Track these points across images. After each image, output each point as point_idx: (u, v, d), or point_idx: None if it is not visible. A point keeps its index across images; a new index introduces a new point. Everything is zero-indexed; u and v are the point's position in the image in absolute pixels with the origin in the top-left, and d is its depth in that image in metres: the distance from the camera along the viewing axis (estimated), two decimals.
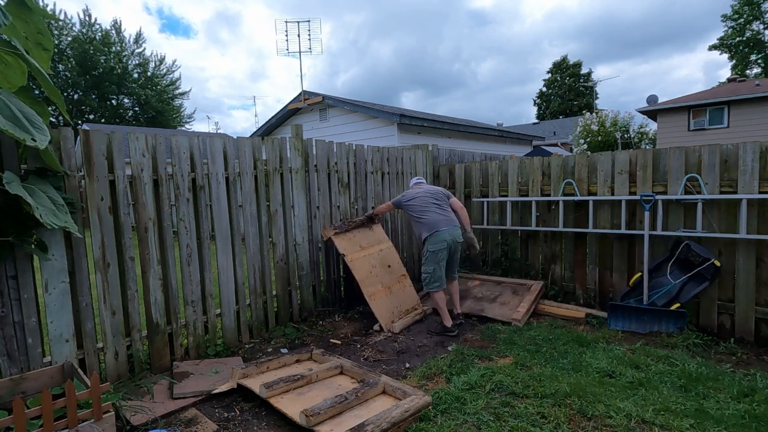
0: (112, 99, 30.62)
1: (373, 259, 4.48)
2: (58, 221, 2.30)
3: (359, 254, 4.38)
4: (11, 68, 2.41)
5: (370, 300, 4.14)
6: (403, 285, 4.61)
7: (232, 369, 3.02)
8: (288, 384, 2.82)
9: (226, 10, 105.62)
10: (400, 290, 4.54)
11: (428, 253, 4.02)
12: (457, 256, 4.20)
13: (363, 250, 4.46)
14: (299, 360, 3.34)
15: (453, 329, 3.94)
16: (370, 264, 4.42)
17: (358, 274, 4.20)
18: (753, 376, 2.97)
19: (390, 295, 4.38)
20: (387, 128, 10.38)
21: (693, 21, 74.63)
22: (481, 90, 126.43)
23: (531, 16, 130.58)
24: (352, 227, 4.53)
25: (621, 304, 3.99)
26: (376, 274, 4.40)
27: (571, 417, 2.51)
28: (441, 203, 4.15)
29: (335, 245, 4.35)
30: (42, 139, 2.19)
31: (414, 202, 4.19)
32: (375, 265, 4.46)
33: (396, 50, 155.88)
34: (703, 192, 3.80)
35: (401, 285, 4.59)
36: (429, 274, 4.01)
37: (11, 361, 2.52)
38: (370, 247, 4.57)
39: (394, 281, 4.54)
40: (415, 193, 4.26)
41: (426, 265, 4.04)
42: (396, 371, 3.29)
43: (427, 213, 4.07)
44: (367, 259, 4.42)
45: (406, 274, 4.74)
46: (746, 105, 15.72)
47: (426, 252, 4.06)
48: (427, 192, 4.23)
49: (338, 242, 4.30)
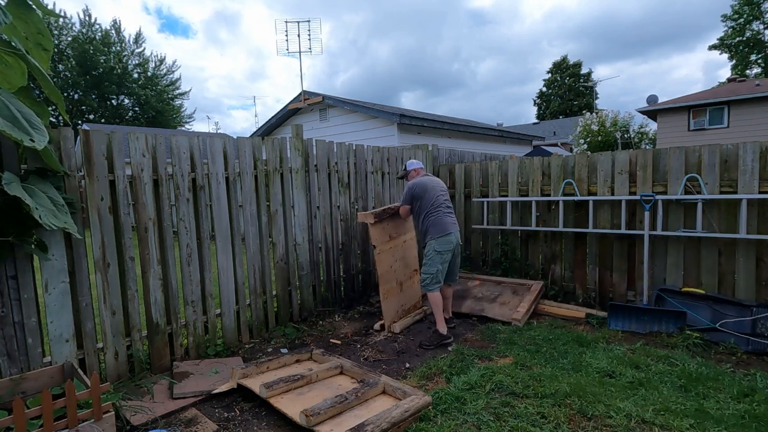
0: (112, 99, 30.63)
1: (396, 252, 4.35)
2: (58, 222, 2.30)
3: (386, 246, 4.23)
4: (11, 69, 2.41)
5: (383, 298, 4.08)
6: (413, 281, 4.56)
7: (232, 369, 3.02)
8: (288, 384, 2.82)
9: (225, 10, 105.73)
10: (409, 287, 4.50)
11: (433, 253, 3.91)
12: (458, 260, 4.14)
13: (390, 242, 4.29)
14: (299, 360, 3.34)
15: (449, 336, 3.81)
16: (393, 258, 4.29)
17: (381, 268, 4.10)
18: (753, 376, 2.97)
19: (400, 293, 4.33)
20: (387, 128, 10.38)
21: (692, 21, 74.75)
22: (480, 90, 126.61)
23: (530, 16, 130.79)
24: (387, 216, 4.29)
25: (621, 304, 3.99)
26: (395, 269, 4.30)
27: (571, 417, 2.51)
28: (448, 200, 4.08)
29: (369, 234, 4.22)
30: (40, 139, 2.19)
31: (427, 196, 4.00)
32: (397, 258, 4.34)
33: (395, 50, 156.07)
34: (703, 192, 3.80)
35: (411, 282, 4.54)
36: (431, 275, 3.89)
37: (11, 361, 2.52)
38: (398, 237, 4.41)
39: (407, 277, 4.47)
40: (424, 184, 4.06)
41: (429, 266, 3.91)
42: (396, 371, 3.29)
43: (438, 211, 3.95)
44: (392, 252, 4.29)
45: (417, 269, 4.66)
46: (746, 105, 15.73)
47: (431, 252, 3.93)
48: (435, 184, 4.08)
49: (372, 232, 4.11)
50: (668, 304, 3.88)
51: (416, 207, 4.09)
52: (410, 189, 4.09)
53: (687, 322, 3.68)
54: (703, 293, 3.77)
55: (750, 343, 3.43)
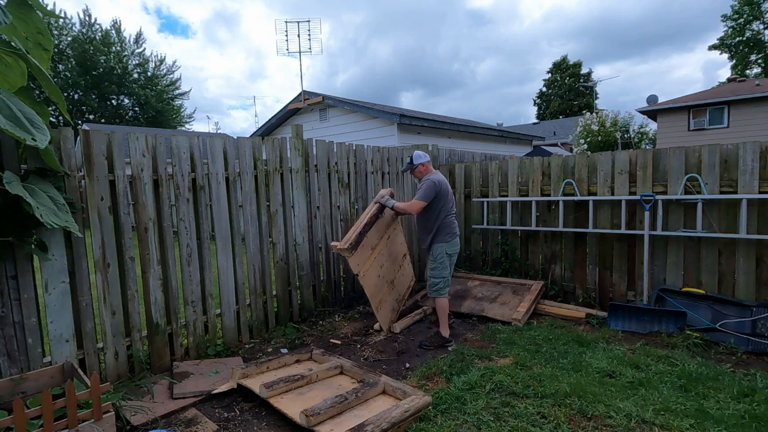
0: (112, 99, 30.61)
1: (381, 257, 4.11)
2: (59, 221, 2.30)
3: (369, 262, 3.93)
4: (11, 69, 2.42)
5: (376, 310, 3.94)
6: (404, 268, 4.48)
7: (232, 369, 3.02)
8: (288, 384, 2.82)
9: (224, 10, 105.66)
10: (400, 276, 4.41)
11: (444, 257, 3.80)
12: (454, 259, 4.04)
13: (373, 252, 4.00)
14: (299, 360, 3.34)
15: (451, 339, 3.78)
16: (379, 265, 4.07)
17: (368, 288, 3.90)
18: (753, 376, 2.97)
19: (392, 291, 4.25)
20: (387, 128, 10.38)
21: (692, 21, 74.72)
22: (480, 90, 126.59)
23: (529, 16, 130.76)
24: (366, 231, 3.86)
25: (621, 304, 3.99)
26: (383, 275, 4.12)
27: (571, 417, 2.51)
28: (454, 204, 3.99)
29: (349, 264, 3.82)
30: (42, 138, 2.19)
31: (449, 197, 3.86)
32: (383, 263, 4.13)
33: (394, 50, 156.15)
34: (703, 192, 3.80)
35: (402, 270, 4.44)
36: (443, 279, 3.80)
37: (11, 361, 2.52)
38: (380, 241, 4.11)
39: (396, 269, 4.35)
40: (446, 182, 3.89)
41: (440, 270, 3.80)
42: (396, 371, 3.29)
43: (451, 213, 3.87)
44: (377, 261, 4.04)
45: (407, 253, 4.56)
46: (746, 105, 15.72)
47: (442, 255, 3.80)
48: (447, 184, 3.91)
49: (351, 261, 3.74)
50: (668, 304, 3.88)
51: (435, 206, 3.78)
52: (435, 186, 3.73)
53: (687, 322, 3.68)
54: (703, 293, 3.77)
55: (750, 343, 3.43)
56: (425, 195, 3.72)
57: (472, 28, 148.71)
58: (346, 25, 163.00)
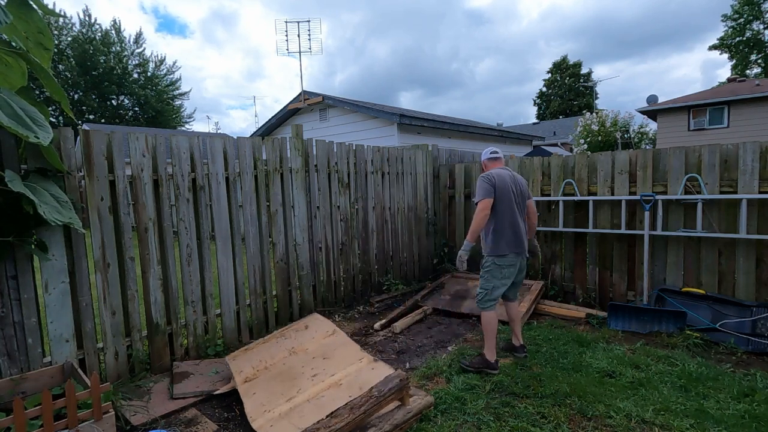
0: (112, 99, 30.62)
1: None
2: (62, 217, 2.30)
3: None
4: (11, 69, 2.42)
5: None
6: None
7: (232, 369, 3.01)
8: None
9: (221, 9, 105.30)
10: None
11: (493, 266, 3.19)
12: (523, 275, 3.40)
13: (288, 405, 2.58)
14: None
15: (495, 365, 3.11)
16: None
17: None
18: (753, 376, 2.97)
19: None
20: (387, 128, 10.38)
21: (691, 20, 74.74)
22: (479, 90, 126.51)
23: (527, 15, 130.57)
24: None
25: (621, 304, 3.99)
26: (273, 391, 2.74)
27: (571, 417, 2.51)
28: (522, 210, 3.30)
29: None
30: (45, 136, 2.19)
31: (502, 197, 3.17)
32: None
33: (393, 50, 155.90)
34: (703, 192, 3.80)
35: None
36: (487, 291, 3.19)
37: (11, 361, 2.52)
38: (303, 391, 2.68)
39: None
40: (503, 181, 3.19)
41: (487, 280, 3.21)
42: None
43: (510, 221, 3.19)
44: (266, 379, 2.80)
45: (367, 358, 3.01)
46: (746, 105, 15.72)
47: (490, 264, 3.21)
48: (515, 184, 3.27)
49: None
50: (668, 304, 3.88)
51: (494, 207, 3.19)
52: (488, 179, 3.21)
53: (687, 322, 3.68)
54: (703, 293, 3.77)
55: (750, 343, 3.43)
56: (477, 193, 3.25)
57: (470, 28, 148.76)
58: (345, 24, 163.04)
